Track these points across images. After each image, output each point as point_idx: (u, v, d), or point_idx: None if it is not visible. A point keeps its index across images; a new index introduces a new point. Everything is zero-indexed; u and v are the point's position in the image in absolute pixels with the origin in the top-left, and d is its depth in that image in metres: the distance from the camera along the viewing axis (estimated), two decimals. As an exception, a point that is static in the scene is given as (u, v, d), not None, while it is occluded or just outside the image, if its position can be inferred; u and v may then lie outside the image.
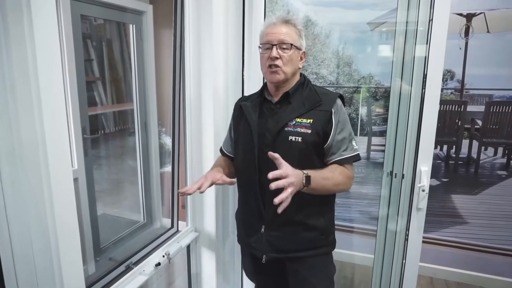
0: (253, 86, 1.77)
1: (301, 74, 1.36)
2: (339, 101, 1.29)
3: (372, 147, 4.35)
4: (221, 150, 1.53)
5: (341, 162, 1.24)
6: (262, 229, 1.31)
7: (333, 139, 1.24)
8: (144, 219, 2.98)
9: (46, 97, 0.86)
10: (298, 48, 1.27)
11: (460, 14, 4.58)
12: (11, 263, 0.93)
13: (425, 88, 1.49)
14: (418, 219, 1.57)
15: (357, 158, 1.27)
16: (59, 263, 0.92)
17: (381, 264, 1.84)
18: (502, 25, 5.10)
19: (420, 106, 1.52)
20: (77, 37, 2.22)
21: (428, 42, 1.45)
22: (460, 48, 4.85)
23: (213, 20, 1.56)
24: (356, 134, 4.77)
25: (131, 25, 2.75)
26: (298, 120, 1.24)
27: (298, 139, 1.22)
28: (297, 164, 1.16)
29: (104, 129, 3.04)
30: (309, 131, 1.22)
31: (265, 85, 1.39)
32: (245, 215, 1.41)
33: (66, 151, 0.92)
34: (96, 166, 2.95)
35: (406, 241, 1.62)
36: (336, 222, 1.44)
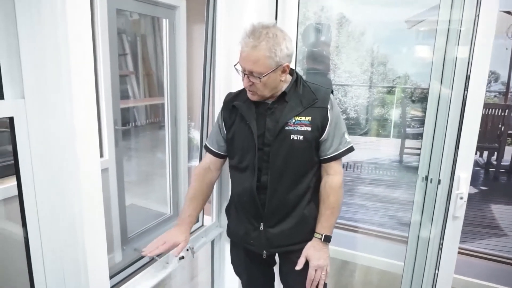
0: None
1: (292, 70, 1.32)
2: (332, 97, 1.31)
3: (406, 150, 4.18)
4: (208, 149, 1.45)
5: (337, 157, 1.29)
6: (261, 227, 1.33)
7: (329, 134, 1.27)
8: (171, 212, 3.03)
9: (77, 88, 0.86)
10: (275, 68, 1.19)
11: (508, 12, 4.30)
12: (39, 247, 0.95)
13: (467, 91, 1.40)
14: (455, 228, 1.48)
15: (351, 150, 1.32)
16: (85, 253, 0.93)
17: (412, 272, 1.75)
18: (554, 24, 4.74)
19: (461, 109, 1.43)
20: (112, 31, 2.27)
21: (472, 42, 1.37)
22: (507, 49, 4.57)
23: (245, 16, 1.54)
24: (388, 136, 4.63)
25: (164, 19, 2.79)
26: (297, 118, 1.25)
27: (299, 137, 1.24)
28: (299, 161, 1.26)
29: (136, 122, 3.11)
30: (309, 129, 1.24)
31: None
32: (241, 214, 1.39)
33: (95, 142, 0.92)
34: (127, 158, 3.03)
35: (440, 250, 1.53)
36: (363, 226, 1.43)
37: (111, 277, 1.25)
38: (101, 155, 2.29)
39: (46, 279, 0.96)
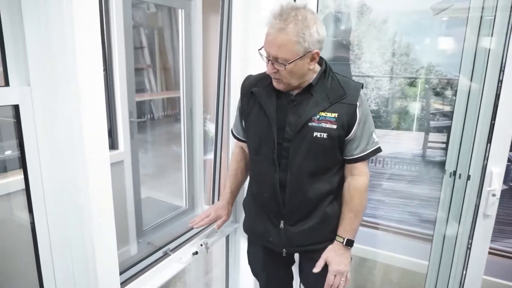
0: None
1: (322, 59, 1.21)
2: (362, 92, 1.19)
3: (429, 144, 4.00)
4: (233, 134, 1.44)
5: (363, 158, 1.19)
6: (281, 225, 1.26)
7: (356, 133, 1.17)
8: (186, 205, 3.01)
9: (85, 75, 0.82)
10: (302, 55, 1.08)
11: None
12: (47, 241, 0.92)
13: (501, 83, 1.31)
14: (485, 227, 1.38)
15: (378, 150, 1.21)
16: (93, 248, 0.89)
17: (437, 272, 1.66)
18: None
19: (494, 102, 1.34)
20: (127, 22, 2.23)
21: (508, 32, 1.28)
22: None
23: (262, 4, 1.48)
24: (411, 130, 4.46)
25: (180, 10, 2.74)
26: (323, 114, 1.15)
27: (323, 135, 1.14)
28: (320, 160, 1.17)
29: (152, 115, 3.11)
30: (334, 126, 1.14)
31: None
32: (261, 210, 1.31)
33: (103, 131, 0.88)
34: (143, 151, 3.02)
35: (468, 250, 1.44)
36: (382, 222, 1.34)
37: (123, 272, 1.22)
38: (116, 147, 2.28)
39: (55, 274, 0.93)
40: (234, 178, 1.44)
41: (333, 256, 1.23)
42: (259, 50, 1.15)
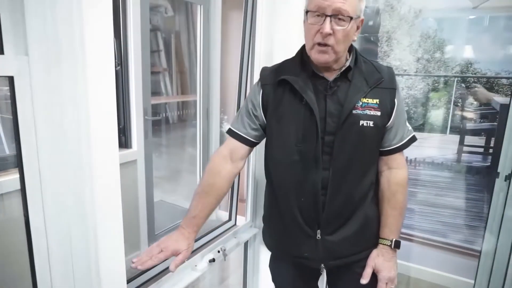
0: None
1: None
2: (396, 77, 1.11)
3: (465, 148, 3.73)
4: (233, 133, 1.12)
5: (401, 148, 1.10)
6: (318, 235, 1.08)
7: (394, 121, 1.07)
8: (200, 210, 2.88)
9: (93, 44, 0.70)
10: (357, 18, 0.97)
11: None
12: (44, 247, 0.78)
13: None
14: (548, 241, 1.19)
15: (414, 139, 1.12)
16: (97, 255, 0.75)
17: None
18: None
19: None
20: (144, 24, 2.17)
21: None
22: None
23: (290, 3, 1.37)
24: (445, 132, 4.20)
25: (199, 6, 2.64)
26: (365, 100, 1.03)
27: (369, 123, 1.02)
28: (366, 153, 1.06)
29: (167, 118, 3.05)
30: (379, 113, 1.03)
31: (307, 56, 1.05)
32: (290, 221, 1.11)
33: (112, 109, 0.75)
34: (157, 154, 2.93)
35: (526, 268, 1.24)
36: (416, 233, 1.19)
37: (131, 280, 1.09)
38: (130, 146, 2.19)
39: (52, 283, 0.79)
40: (204, 197, 1.07)
41: (382, 262, 1.10)
42: (306, 11, 0.97)
